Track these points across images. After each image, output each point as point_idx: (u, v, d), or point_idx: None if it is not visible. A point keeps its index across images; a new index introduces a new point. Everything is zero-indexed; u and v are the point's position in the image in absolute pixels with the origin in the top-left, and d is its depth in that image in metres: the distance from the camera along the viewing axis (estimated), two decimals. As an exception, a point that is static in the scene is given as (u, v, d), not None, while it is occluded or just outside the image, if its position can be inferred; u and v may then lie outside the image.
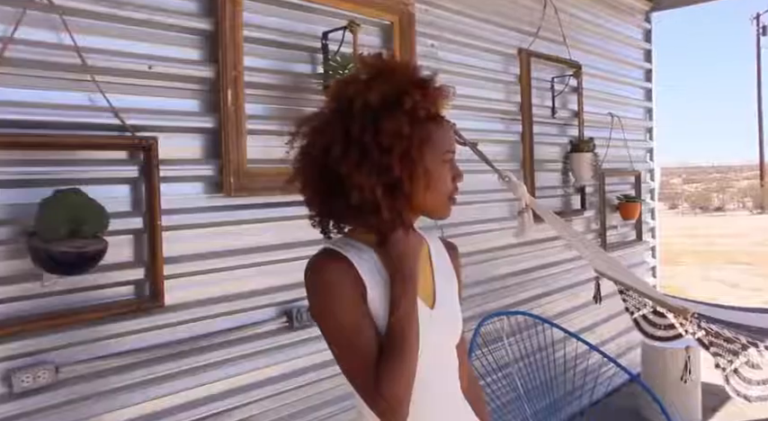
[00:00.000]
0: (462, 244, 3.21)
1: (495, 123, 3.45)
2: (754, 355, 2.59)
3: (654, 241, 5.04)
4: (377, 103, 1.16)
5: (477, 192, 3.21)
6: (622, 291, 3.22)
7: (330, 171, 1.18)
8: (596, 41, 4.36)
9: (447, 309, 1.32)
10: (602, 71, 4.39)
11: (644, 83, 4.96)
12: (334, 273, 1.19)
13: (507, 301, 3.44)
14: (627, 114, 4.62)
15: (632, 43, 4.85)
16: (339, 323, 1.18)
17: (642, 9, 4.96)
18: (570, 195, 4.01)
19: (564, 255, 3.87)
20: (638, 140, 4.81)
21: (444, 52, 3.16)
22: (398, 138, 1.16)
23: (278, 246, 2.39)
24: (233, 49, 2.23)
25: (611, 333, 4.32)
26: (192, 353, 2.15)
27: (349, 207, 1.20)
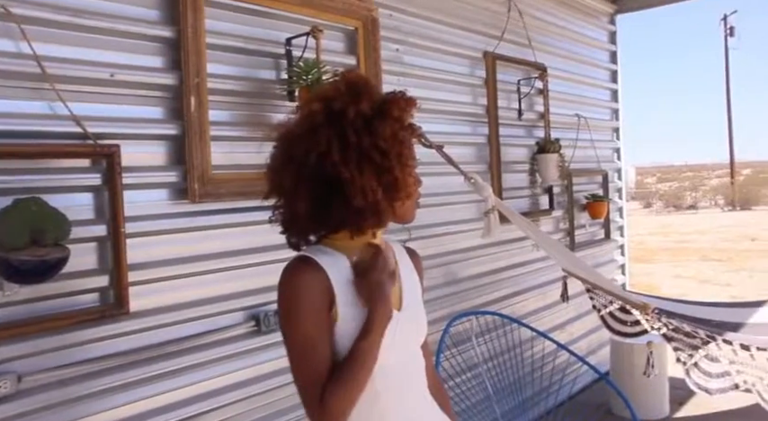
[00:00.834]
0: (431, 245, 3.28)
1: (461, 126, 3.49)
2: (713, 349, 2.66)
3: (623, 239, 5.12)
4: (370, 110, 1.24)
5: (445, 195, 3.25)
6: (589, 289, 3.28)
7: (323, 176, 1.23)
8: (562, 44, 4.43)
9: (412, 312, 1.38)
10: (568, 73, 4.46)
11: (610, 84, 5.06)
12: (305, 281, 1.24)
13: (477, 302, 3.48)
14: (593, 115, 4.70)
15: (597, 45, 4.94)
16: (299, 333, 1.24)
17: (607, 11, 5.06)
18: (538, 196, 4.07)
19: (533, 254, 3.92)
20: (604, 140, 4.90)
21: (410, 57, 3.20)
22: (394, 141, 1.25)
23: (244, 251, 2.40)
24: (196, 56, 2.24)
25: (582, 331, 4.39)
26: (159, 359, 2.16)
27: (346, 211, 1.25)
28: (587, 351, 4.49)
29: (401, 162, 1.27)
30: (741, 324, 3.33)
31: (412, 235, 3.06)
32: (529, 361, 3.40)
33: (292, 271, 1.26)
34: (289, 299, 1.24)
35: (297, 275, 1.25)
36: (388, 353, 1.28)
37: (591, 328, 4.41)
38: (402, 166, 1.27)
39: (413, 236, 3.08)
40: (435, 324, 3.15)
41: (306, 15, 2.63)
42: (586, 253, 4.48)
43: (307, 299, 1.23)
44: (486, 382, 3.06)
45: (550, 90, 4.12)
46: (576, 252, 4.29)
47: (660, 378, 3.83)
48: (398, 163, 1.26)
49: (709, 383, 2.63)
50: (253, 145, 2.41)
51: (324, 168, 1.23)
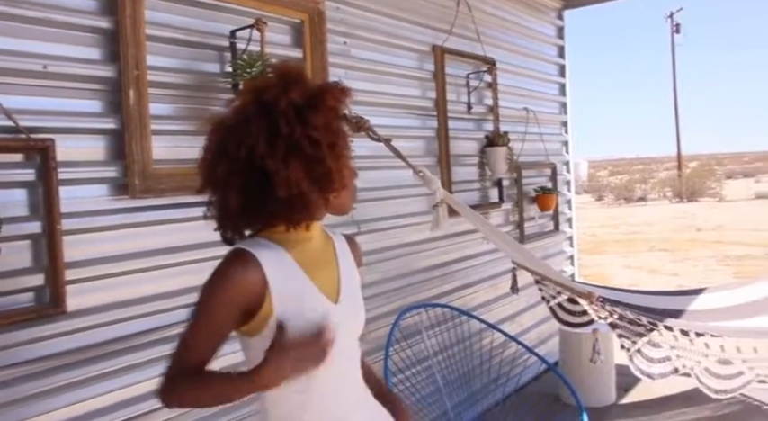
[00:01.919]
0: (380, 239, 3.28)
1: (410, 119, 3.50)
2: (655, 335, 2.74)
3: (571, 231, 5.22)
4: (302, 100, 1.23)
5: (394, 188, 3.26)
6: (538, 280, 3.34)
7: (254, 169, 1.23)
8: (510, 38, 4.48)
9: (350, 302, 1.39)
10: (517, 67, 4.51)
11: (558, 78, 5.14)
12: (236, 271, 1.24)
13: (427, 294, 3.50)
14: (542, 109, 4.76)
15: (546, 40, 5.01)
16: (204, 312, 1.25)
17: (555, 7, 5.13)
18: (488, 188, 4.11)
19: (484, 247, 3.96)
20: (553, 134, 4.97)
21: (358, 50, 3.19)
22: (327, 131, 1.25)
23: (188, 247, 2.35)
24: (134, 48, 2.18)
25: (532, 321, 4.46)
26: (101, 358, 2.10)
27: (275, 203, 1.25)
28: (537, 341, 4.56)
29: (334, 152, 1.26)
30: (682, 311, 3.43)
31: (361, 228, 3.06)
32: (479, 352, 3.44)
33: (228, 264, 1.25)
34: (213, 281, 1.25)
35: (230, 268, 1.25)
36: None
37: (541, 319, 4.48)
38: (335, 157, 1.26)
39: (362, 229, 3.07)
40: (385, 317, 3.15)
41: (250, 7, 2.59)
42: (536, 245, 4.55)
43: (229, 286, 1.23)
44: (437, 375, 3.08)
45: (499, 84, 4.16)
46: (526, 244, 4.35)
47: (607, 366, 3.92)
48: (331, 153, 1.25)
49: (652, 368, 2.71)
50: (196, 139, 2.34)
51: (253, 161, 1.22)
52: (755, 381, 2.79)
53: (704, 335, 2.79)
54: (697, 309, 3.52)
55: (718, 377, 2.73)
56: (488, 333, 3.50)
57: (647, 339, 2.73)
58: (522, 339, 4.31)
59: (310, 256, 1.34)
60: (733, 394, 2.82)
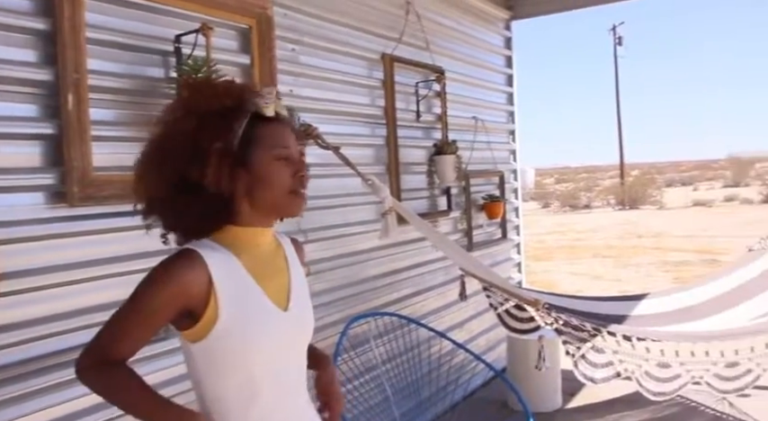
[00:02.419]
0: (329, 247, 3.26)
1: (359, 127, 3.49)
2: (598, 341, 2.80)
3: (519, 238, 5.30)
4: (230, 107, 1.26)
5: (342, 196, 3.24)
6: (486, 287, 3.38)
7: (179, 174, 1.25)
8: (459, 47, 4.53)
9: (300, 310, 1.38)
10: (466, 76, 4.56)
11: (506, 87, 5.22)
12: (180, 268, 1.22)
13: (376, 303, 3.49)
14: (490, 118, 4.83)
15: (494, 50, 5.09)
16: (140, 304, 1.23)
17: (502, 17, 5.21)
18: (436, 196, 4.14)
19: (432, 254, 3.97)
20: (501, 143, 5.05)
21: (306, 57, 3.17)
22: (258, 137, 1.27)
23: (131, 257, 2.28)
24: (74, 51, 2.11)
25: (480, 328, 4.50)
26: (38, 373, 2.01)
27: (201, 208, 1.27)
28: (486, 348, 4.60)
29: (261, 157, 1.28)
30: (625, 316, 3.53)
31: (308, 236, 3.03)
32: (428, 360, 3.44)
33: (173, 261, 1.24)
34: (154, 280, 1.23)
35: (174, 264, 1.23)
36: (271, 353, 1.27)
37: (489, 326, 4.52)
38: (265, 162, 1.28)
39: (309, 237, 3.04)
40: (333, 326, 3.13)
41: (196, 12, 2.54)
42: (484, 252, 4.60)
43: (169, 289, 1.21)
44: (385, 384, 3.07)
45: (448, 92, 4.20)
46: (474, 251, 4.39)
47: (553, 371, 3.98)
48: (259, 158, 1.27)
49: (595, 373, 2.77)
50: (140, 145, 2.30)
51: (175, 166, 1.24)
52: (691, 383, 2.90)
53: (645, 339, 2.87)
54: (639, 314, 3.62)
55: (657, 380, 2.83)
56: (437, 341, 3.51)
57: (590, 345, 2.80)
58: (471, 346, 4.35)
59: (260, 262, 1.32)
60: (670, 396, 2.91)
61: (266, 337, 1.27)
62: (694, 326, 3.40)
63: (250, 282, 1.28)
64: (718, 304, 3.73)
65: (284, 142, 1.32)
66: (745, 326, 3.22)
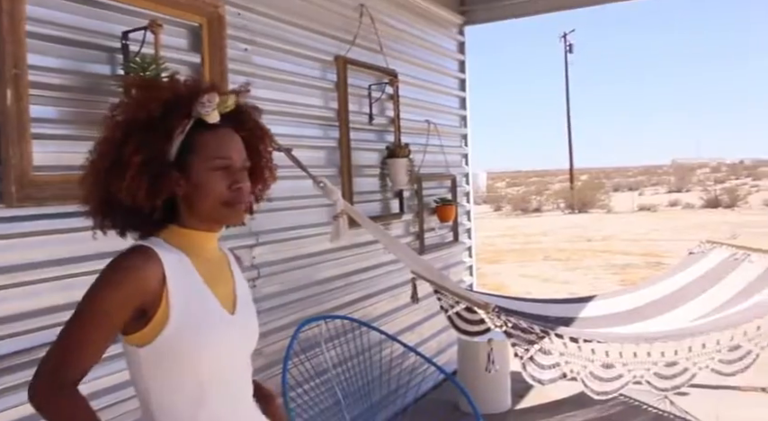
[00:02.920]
0: (280, 250, 3.22)
1: (312, 129, 3.47)
2: (546, 343, 2.85)
3: (470, 241, 5.34)
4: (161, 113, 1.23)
5: (294, 198, 3.21)
6: (437, 290, 3.39)
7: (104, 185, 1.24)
8: (413, 51, 4.55)
9: (247, 316, 1.37)
10: (419, 80, 4.58)
11: (459, 92, 5.27)
12: (136, 263, 1.19)
13: (327, 306, 3.47)
14: (443, 121, 4.86)
15: (447, 54, 5.13)
16: (95, 311, 1.18)
17: (456, 22, 5.26)
18: (389, 199, 4.14)
19: (385, 257, 3.97)
20: (453, 146, 5.09)
21: (259, 57, 3.13)
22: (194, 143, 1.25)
23: (74, 260, 2.21)
24: (13, 45, 2.03)
25: (432, 331, 4.52)
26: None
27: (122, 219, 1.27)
28: (437, 350, 4.63)
29: (198, 166, 1.26)
30: (573, 318, 3.60)
31: (260, 239, 3.00)
32: (379, 363, 3.44)
33: (127, 256, 1.21)
34: (108, 281, 1.19)
35: (129, 260, 1.20)
36: (220, 358, 1.26)
37: (441, 328, 4.54)
38: (201, 172, 1.26)
39: (260, 240, 3.01)
40: (284, 330, 3.10)
41: (144, 8, 2.48)
42: (436, 255, 4.63)
43: (126, 288, 1.18)
44: (336, 388, 3.05)
45: (401, 96, 4.21)
46: (426, 254, 4.41)
47: (503, 373, 4.03)
48: (196, 167, 1.25)
49: (543, 375, 2.83)
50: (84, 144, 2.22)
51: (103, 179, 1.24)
52: (632, 382, 3.00)
53: (592, 341, 2.94)
54: (586, 316, 3.70)
55: (600, 380, 2.92)
56: (388, 344, 3.52)
57: (538, 347, 2.85)
58: (423, 348, 4.37)
59: (209, 266, 1.31)
60: (613, 395, 3.00)
61: (216, 341, 1.25)
62: (638, 327, 3.50)
63: (201, 284, 1.27)
64: (660, 306, 3.85)
65: (223, 152, 1.28)
66: (685, 328, 3.33)
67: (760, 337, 3.21)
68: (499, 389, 4.11)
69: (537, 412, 4.10)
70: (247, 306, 1.39)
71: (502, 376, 4.04)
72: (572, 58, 36.60)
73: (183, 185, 1.26)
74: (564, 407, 4.09)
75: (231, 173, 1.28)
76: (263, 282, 3.06)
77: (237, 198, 1.29)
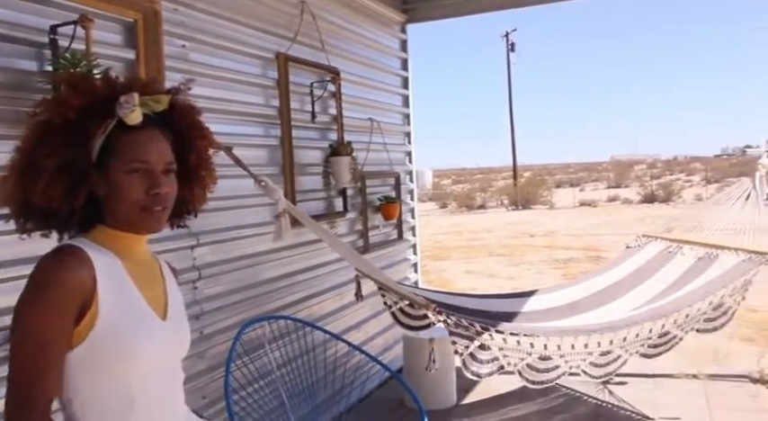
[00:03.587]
0: (221, 251, 3.16)
1: (252, 127, 3.41)
2: (486, 339, 2.90)
3: (415, 239, 5.37)
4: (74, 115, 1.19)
5: (236, 198, 3.16)
6: (381, 287, 3.40)
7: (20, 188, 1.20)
8: (355, 49, 4.53)
9: (177, 322, 1.34)
10: (362, 78, 4.58)
11: (401, 90, 5.28)
12: (69, 265, 1.14)
13: (272, 306, 3.43)
14: (386, 119, 4.87)
15: (390, 52, 5.13)
16: (34, 323, 1.11)
17: (398, 20, 5.27)
18: (332, 198, 4.11)
19: (330, 256, 3.95)
20: (397, 144, 5.10)
21: (197, 54, 3.06)
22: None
23: (0, 264, 2.11)
24: (-70, 40, 1.93)
25: (378, 328, 4.53)
26: None
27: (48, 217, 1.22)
28: (384, 348, 4.64)
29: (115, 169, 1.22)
30: (514, 313, 3.67)
31: (200, 240, 2.94)
32: (325, 363, 3.42)
33: (57, 259, 1.15)
34: (44, 291, 1.12)
35: (61, 263, 1.15)
36: (150, 363, 1.22)
37: (387, 326, 4.55)
38: (117, 175, 1.22)
39: (201, 241, 2.95)
40: (227, 332, 3.04)
41: (75, 2, 2.39)
42: (381, 253, 4.64)
43: (66, 293, 1.12)
44: (281, 389, 3.02)
45: (344, 94, 4.19)
46: (371, 252, 4.42)
47: (449, 369, 4.07)
48: (113, 170, 1.22)
49: (481, 368, 2.89)
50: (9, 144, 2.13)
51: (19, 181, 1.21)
52: (568, 373, 3.09)
53: (531, 336, 3.00)
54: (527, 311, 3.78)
55: (537, 371, 3.02)
56: (333, 343, 3.50)
57: (478, 343, 2.90)
58: (369, 346, 4.37)
59: (139, 269, 1.28)
60: (548, 384, 3.11)
61: (146, 345, 1.21)
62: (577, 320, 3.59)
63: (131, 285, 1.23)
64: (598, 299, 3.96)
65: (141, 155, 1.23)
66: (621, 319, 3.44)
67: (687, 324, 3.38)
68: (445, 385, 4.15)
69: (481, 406, 4.15)
70: (179, 313, 1.36)
71: (447, 372, 4.08)
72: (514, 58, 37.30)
73: (102, 188, 1.23)
74: (508, 400, 4.16)
75: (150, 177, 1.24)
76: (204, 284, 3.00)
77: (155, 203, 1.25)
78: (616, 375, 4.33)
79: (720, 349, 5.39)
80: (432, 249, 14.15)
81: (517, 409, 4.03)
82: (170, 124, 1.30)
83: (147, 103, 1.24)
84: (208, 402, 2.92)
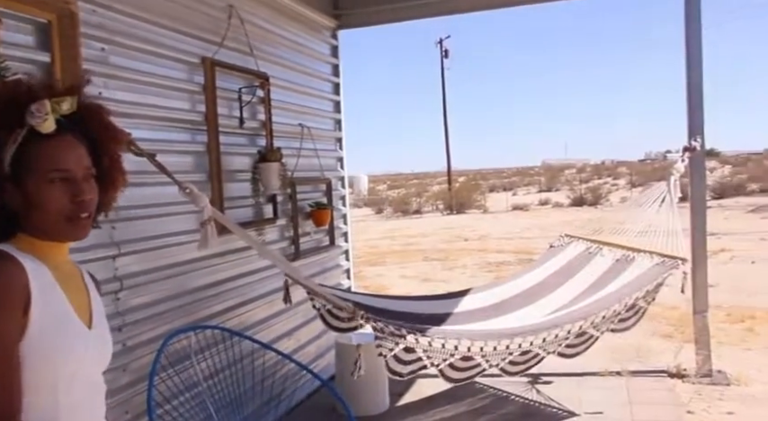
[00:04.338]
0: (146, 260, 3.08)
1: (178, 133, 3.34)
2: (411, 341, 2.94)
3: (347, 245, 5.37)
4: None
5: (161, 205, 3.09)
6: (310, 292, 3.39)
7: None
8: (285, 54, 4.51)
9: (102, 331, 1.31)
10: (292, 83, 4.55)
11: (332, 96, 5.28)
12: (9, 270, 1.10)
13: (200, 316, 3.35)
14: (317, 125, 4.86)
15: (320, 58, 5.13)
16: None
17: (329, 26, 5.28)
18: (262, 204, 4.07)
19: (260, 263, 3.89)
20: (328, 150, 5.10)
21: (118, 58, 2.97)
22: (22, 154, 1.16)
23: None
24: None
25: (310, 336, 4.50)
26: None
27: None
28: (316, 355, 4.62)
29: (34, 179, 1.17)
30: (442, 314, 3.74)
31: (122, 250, 2.85)
32: (254, 373, 3.36)
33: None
34: None
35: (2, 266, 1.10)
36: (78, 371, 1.19)
37: (319, 333, 4.54)
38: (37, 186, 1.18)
39: (124, 250, 2.86)
40: (152, 343, 2.96)
41: (-17, 2, 2.29)
42: (313, 259, 4.62)
43: (12, 300, 1.08)
44: (207, 401, 2.95)
45: (273, 99, 4.16)
46: (302, 259, 4.40)
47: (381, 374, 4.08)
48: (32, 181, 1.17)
49: (403, 369, 2.93)
50: None
51: None
52: (487, 370, 3.18)
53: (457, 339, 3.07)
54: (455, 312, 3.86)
55: (458, 370, 3.09)
56: (264, 352, 3.46)
57: (403, 346, 2.94)
58: (301, 354, 4.34)
59: (64, 277, 1.23)
60: (467, 381, 3.20)
61: (74, 353, 1.18)
62: (502, 322, 3.68)
63: (60, 293, 1.19)
64: (522, 299, 4.08)
65: (61, 163, 1.19)
66: (543, 322, 3.55)
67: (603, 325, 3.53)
68: (377, 390, 4.16)
69: (412, 409, 4.18)
70: (103, 322, 1.33)
71: (379, 377, 4.08)
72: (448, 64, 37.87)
73: (16, 200, 1.18)
74: (438, 402, 4.21)
75: (71, 185, 1.20)
76: (127, 295, 2.91)
77: (80, 210, 1.21)
78: (544, 375, 4.48)
79: (642, 346, 5.63)
80: (367, 255, 14.19)
81: (446, 411, 4.08)
82: (81, 127, 1.26)
83: (56, 108, 1.20)
84: (131, 417, 2.83)
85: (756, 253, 11.49)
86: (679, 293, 4.04)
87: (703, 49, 4.47)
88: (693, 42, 4.47)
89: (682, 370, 4.61)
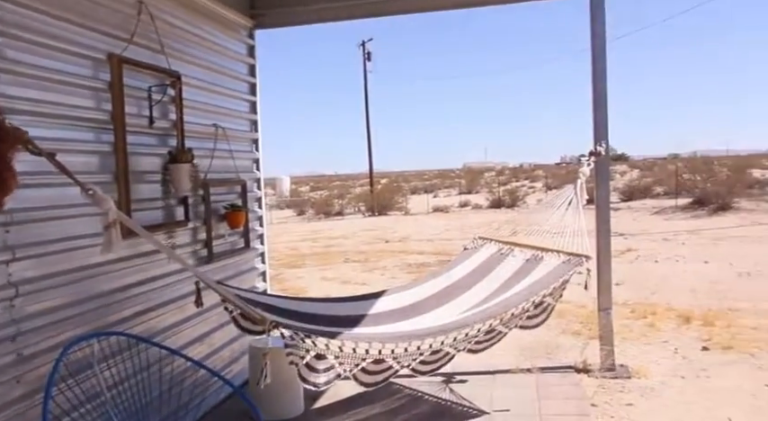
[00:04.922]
0: (46, 264, 2.95)
1: (81, 132, 3.19)
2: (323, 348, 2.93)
3: (263, 247, 5.30)
4: None
5: (62, 207, 2.95)
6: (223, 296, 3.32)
7: None
8: (198, 53, 4.40)
9: None
10: (205, 83, 4.45)
11: (249, 96, 5.20)
12: None
13: (105, 322, 3.22)
14: (232, 126, 4.77)
15: (236, 57, 5.04)
16: None
17: (245, 25, 5.19)
18: (173, 207, 3.95)
19: (170, 267, 3.78)
20: (244, 151, 5.01)
21: (14, 52, 2.81)
22: None
23: None
24: None
25: (224, 340, 4.41)
26: None
27: None
28: (230, 359, 4.53)
29: None
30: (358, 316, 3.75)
31: (17, 254, 2.71)
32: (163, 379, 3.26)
33: None
34: None
35: None
36: None
37: (233, 337, 4.46)
38: None
39: (19, 254, 2.72)
40: (52, 352, 2.82)
41: None
42: (227, 262, 4.53)
43: None
44: (110, 412, 2.84)
45: (185, 98, 4.05)
46: (216, 262, 4.31)
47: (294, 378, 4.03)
48: None
49: (318, 379, 2.91)
50: None
51: None
52: (399, 371, 3.22)
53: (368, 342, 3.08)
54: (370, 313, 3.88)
55: (370, 373, 3.11)
56: (173, 359, 3.36)
57: (314, 354, 2.92)
58: (214, 359, 4.26)
59: None
60: (381, 384, 3.24)
61: None
62: (415, 323, 3.74)
63: None
64: (436, 300, 4.15)
65: None
66: (454, 321, 3.62)
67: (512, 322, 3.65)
68: (292, 394, 4.12)
69: (327, 413, 4.17)
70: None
71: (294, 380, 4.03)
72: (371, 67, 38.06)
73: None
74: (353, 403, 4.21)
75: None
76: (23, 301, 2.76)
77: None
78: (458, 374, 4.57)
79: (552, 343, 5.84)
80: (288, 256, 14.05)
81: (361, 412, 4.09)
82: None
83: None
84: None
85: (659, 252, 12.15)
86: (587, 292, 4.21)
87: (608, 62, 4.72)
88: (599, 56, 4.72)
89: (587, 365, 4.81)
